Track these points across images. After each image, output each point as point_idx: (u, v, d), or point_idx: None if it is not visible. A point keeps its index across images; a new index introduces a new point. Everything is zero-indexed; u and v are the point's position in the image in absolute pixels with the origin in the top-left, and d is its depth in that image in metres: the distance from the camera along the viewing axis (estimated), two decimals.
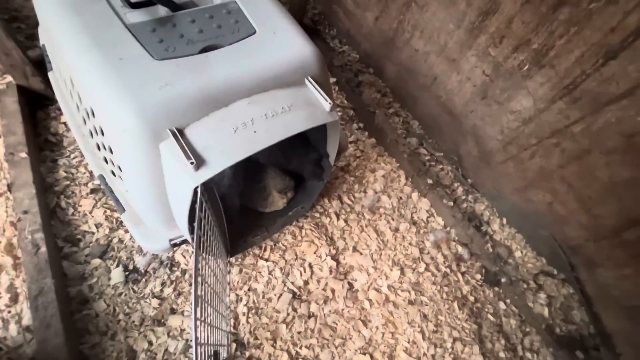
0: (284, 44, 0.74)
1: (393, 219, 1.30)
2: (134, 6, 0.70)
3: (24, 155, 1.05)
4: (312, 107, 0.72)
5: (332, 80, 1.66)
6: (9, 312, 0.88)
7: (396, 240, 1.25)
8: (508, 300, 1.22)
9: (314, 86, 0.74)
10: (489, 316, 1.16)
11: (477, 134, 1.34)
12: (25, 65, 1.13)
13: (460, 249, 1.28)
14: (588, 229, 1.13)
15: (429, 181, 1.37)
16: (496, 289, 1.23)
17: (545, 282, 1.25)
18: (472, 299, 1.18)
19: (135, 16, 0.69)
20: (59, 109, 1.24)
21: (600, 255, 1.14)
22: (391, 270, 1.17)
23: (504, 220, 1.39)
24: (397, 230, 1.28)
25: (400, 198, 1.37)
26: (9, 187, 1.02)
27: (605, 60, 0.89)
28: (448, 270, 1.22)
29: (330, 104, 0.73)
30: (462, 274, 1.23)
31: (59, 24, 0.67)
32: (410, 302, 1.12)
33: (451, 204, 1.34)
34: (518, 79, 1.11)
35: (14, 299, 0.90)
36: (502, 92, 1.18)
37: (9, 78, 1.17)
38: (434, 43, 1.34)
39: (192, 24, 0.72)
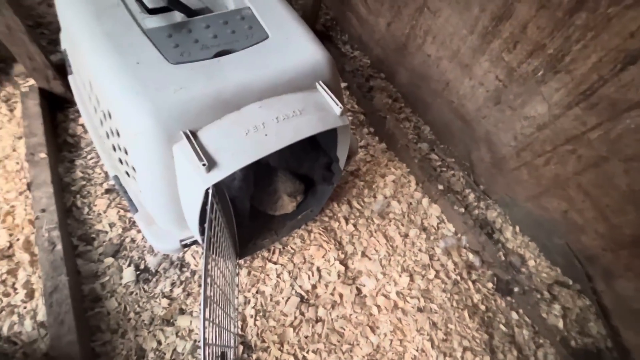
0: (296, 49, 0.75)
1: (403, 225, 1.29)
2: (151, 12, 0.72)
3: (43, 155, 1.08)
4: (322, 111, 0.73)
5: (343, 85, 1.66)
6: (25, 307, 0.91)
7: (406, 246, 1.24)
8: (521, 311, 1.19)
9: (325, 90, 0.74)
10: (501, 326, 1.14)
11: (490, 140, 1.32)
12: (47, 69, 1.17)
13: (471, 256, 1.26)
14: (606, 239, 1.10)
15: (440, 187, 1.36)
16: (508, 298, 1.20)
17: (560, 292, 1.21)
18: (483, 308, 1.15)
19: (153, 22, 0.71)
20: (78, 111, 1.28)
21: (619, 266, 1.10)
22: (400, 276, 1.16)
23: (517, 228, 1.36)
24: (406, 236, 1.26)
25: (410, 204, 1.35)
26: (29, 186, 1.05)
27: (623, 65, 0.87)
28: (458, 278, 1.20)
29: (340, 108, 0.73)
30: (473, 282, 1.21)
31: (80, 29, 0.69)
32: (420, 310, 1.10)
33: (462, 210, 1.32)
34: (532, 85, 1.10)
35: (30, 295, 0.92)
36: (515, 97, 1.16)
37: (31, 81, 1.21)
38: (446, 48, 1.34)
39: (207, 29, 0.73)
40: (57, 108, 1.27)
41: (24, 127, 1.13)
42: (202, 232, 0.73)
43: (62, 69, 1.13)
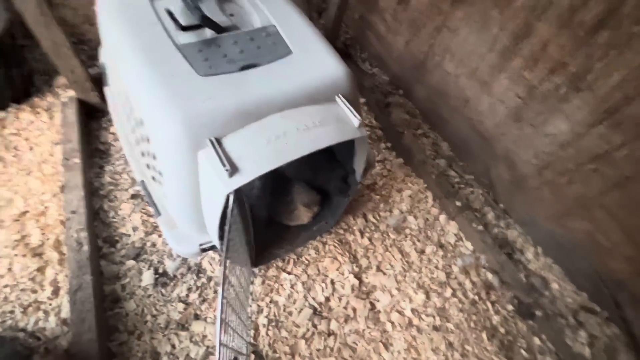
0: (317, 63, 0.79)
1: (419, 241, 1.27)
2: (184, 29, 0.78)
3: (77, 160, 1.15)
4: (341, 122, 0.75)
5: (362, 101, 1.69)
6: (50, 304, 0.95)
7: (422, 262, 1.22)
8: (543, 336, 1.13)
9: (344, 103, 0.77)
10: (522, 351, 1.08)
11: (510, 158, 1.30)
12: (86, 81, 1.26)
13: (490, 276, 1.22)
14: (635, 263, 1.04)
15: (458, 204, 1.34)
16: (530, 322, 1.15)
17: (586, 319, 1.15)
18: (502, 330, 1.11)
19: (185, 37, 0.77)
20: (110, 121, 1.37)
21: None
22: (416, 293, 1.14)
23: (539, 249, 1.31)
24: (422, 252, 1.24)
25: (427, 219, 1.34)
26: (62, 188, 1.12)
27: None
28: (477, 298, 1.16)
29: (359, 120, 0.75)
30: (492, 303, 1.16)
31: (120, 43, 0.76)
32: (435, 328, 1.07)
33: (481, 228, 1.29)
34: (554, 102, 1.09)
35: (56, 293, 0.96)
36: (536, 115, 1.15)
37: (71, 92, 1.31)
38: (465, 66, 1.35)
39: (235, 45, 0.78)
40: (91, 117, 1.36)
41: (62, 134, 1.21)
42: (220, 237, 0.76)
43: (98, 82, 1.22)
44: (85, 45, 1.62)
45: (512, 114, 1.23)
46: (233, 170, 0.63)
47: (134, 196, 1.19)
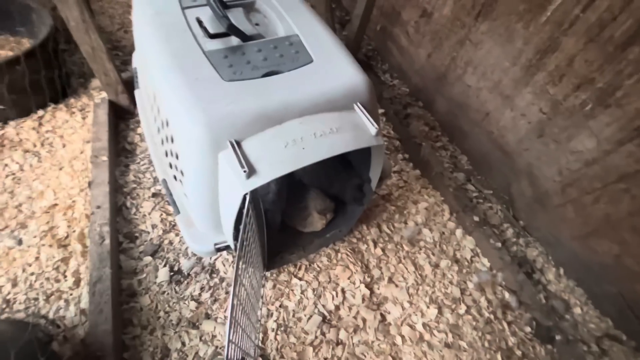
0: (337, 72, 0.80)
1: (434, 254, 1.24)
2: (212, 37, 0.82)
3: (104, 158, 1.21)
4: (358, 130, 0.76)
5: (381, 111, 1.70)
6: (71, 294, 0.99)
7: (435, 276, 1.19)
8: None
9: (362, 111, 0.78)
10: None
11: (532, 174, 1.27)
12: (118, 84, 1.33)
13: (507, 295, 1.18)
14: None
15: (475, 218, 1.31)
16: (549, 346, 1.09)
17: (610, 347, 1.08)
18: (519, 353, 1.06)
19: (212, 44, 0.80)
20: (137, 122, 1.43)
21: None
22: (428, 307, 1.11)
23: (561, 270, 1.26)
24: (437, 266, 1.22)
25: (443, 233, 1.31)
26: (89, 184, 1.18)
27: None
28: (492, 317, 1.12)
29: (376, 128, 0.75)
30: (509, 323, 1.12)
31: (151, 48, 0.80)
32: (447, 345, 1.04)
33: (499, 245, 1.25)
34: (580, 118, 1.05)
35: (77, 283, 1.00)
36: (561, 131, 1.12)
37: (104, 94, 1.39)
38: (487, 79, 1.34)
39: (259, 52, 0.81)
40: (121, 118, 1.43)
41: (92, 133, 1.28)
42: (235, 237, 0.77)
43: (129, 85, 1.29)
44: (120, 51, 1.71)
45: (535, 129, 1.20)
46: (250, 171, 0.64)
47: (154, 195, 1.23)
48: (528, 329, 1.12)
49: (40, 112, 1.37)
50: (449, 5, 1.43)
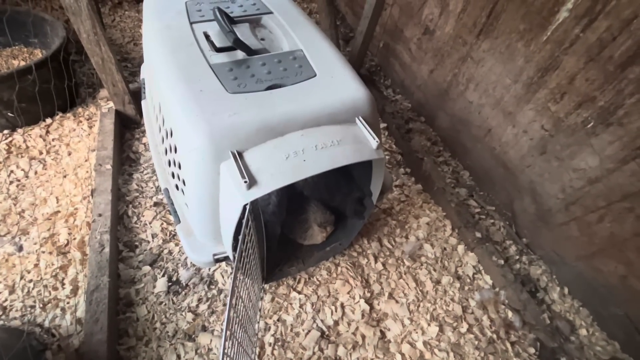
0: (339, 86, 0.82)
1: (435, 270, 1.23)
2: (218, 50, 0.84)
3: (108, 167, 1.23)
4: (360, 143, 0.76)
5: (383, 125, 1.71)
6: (68, 302, 0.98)
7: (437, 293, 1.17)
8: None
9: (363, 125, 0.79)
10: None
11: (535, 190, 1.26)
12: (125, 95, 1.36)
13: (510, 314, 1.15)
14: None
15: (478, 235, 1.29)
16: None
17: None
18: None
19: (218, 58, 0.82)
20: (142, 132, 1.45)
21: None
22: (429, 325, 1.08)
23: (566, 290, 1.23)
24: (438, 282, 1.20)
25: (445, 249, 1.30)
26: (92, 192, 1.18)
27: None
28: (495, 337, 1.09)
29: (377, 141, 0.76)
30: (512, 343, 1.09)
31: (159, 60, 0.82)
32: None
33: (502, 262, 1.23)
34: (582, 136, 1.06)
35: (75, 292, 1.00)
36: (563, 148, 1.12)
37: (111, 104, 1.41)
38: (489, 96, 1.35)
39: (263, 66, 0.83)
40: (126, 128, 1.45)
41: (98, 142, 1.30)
42: (234, 248, 0.77)
43: (135, 95, 1.31)
44: (129, 62, 1.76)
45: (537, 145, 1.20)
46: (251, 182, 0.65)
47: (156, 204, 1.24)
48: (532, 350, 1.09)
49: (48, 120, 1.40)
50: (450, 24, 1.46)
